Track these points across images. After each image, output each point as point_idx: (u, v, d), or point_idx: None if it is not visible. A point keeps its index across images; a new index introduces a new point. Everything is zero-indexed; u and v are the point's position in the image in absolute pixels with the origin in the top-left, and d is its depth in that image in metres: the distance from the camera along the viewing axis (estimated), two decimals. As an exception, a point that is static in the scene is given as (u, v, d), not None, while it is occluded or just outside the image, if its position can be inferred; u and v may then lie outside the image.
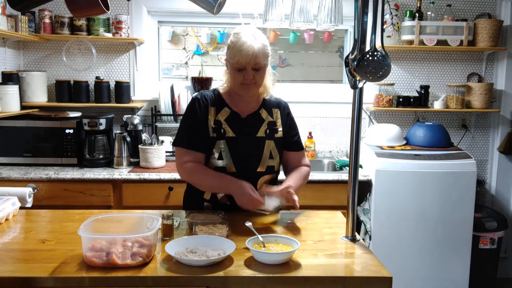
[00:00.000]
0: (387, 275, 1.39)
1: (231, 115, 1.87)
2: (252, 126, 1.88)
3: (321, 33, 3.71)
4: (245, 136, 1.86)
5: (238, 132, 1.85)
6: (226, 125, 1.85)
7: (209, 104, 1.86)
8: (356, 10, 1.55)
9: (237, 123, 1.87)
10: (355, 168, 1.65)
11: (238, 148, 1.84)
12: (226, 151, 1.82)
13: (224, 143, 1.82)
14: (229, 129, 1.85)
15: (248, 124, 1.88)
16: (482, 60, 3.47)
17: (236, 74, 1.79)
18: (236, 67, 1.77)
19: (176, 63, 3.94)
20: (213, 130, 1.84)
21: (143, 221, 1.57)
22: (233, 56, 1.75)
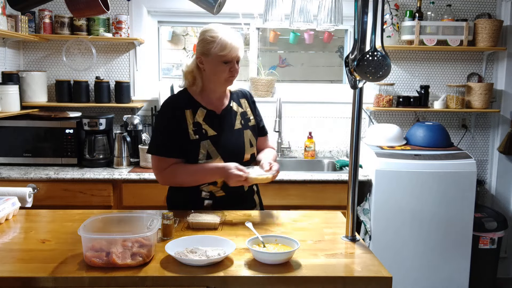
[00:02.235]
0: (387, 275, 1.39)
1: (208, 114, 1.89)
2: (229, 120, 1.94)
3: (321, 33, 3.71)
4: (225, 131, 1.91)
5: (218, 129, 1.89)
6: (206, 124, 1.88)
7: (184, 107, 1.87)
8: (356, 10, 1.55)
9: (215, 120, 1.90)
10: (355, 168, 1.65)
11: (222, 144, 1.88)
12: (213, 149, 1.86)
13: (208, 143, 1.86)
14: (209, 128, 1.88)
15: (225, 120, 1.93)
16: (482, 60, 3.47)
17: (221, 68, 1.82)
18: (223, 60, 1.80)
19: (176, 63, 3.94)
20: (194, 132, 1.86)
21: (143, 221, 1.57)
22: (222, 49, 1.78)
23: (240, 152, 1.93)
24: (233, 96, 2.00)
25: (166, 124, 1.87)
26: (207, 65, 1.85)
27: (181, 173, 1.85)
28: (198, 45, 1.86)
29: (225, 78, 1.86)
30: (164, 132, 1.87)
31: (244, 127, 1.97)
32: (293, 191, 2.82)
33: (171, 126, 1.85)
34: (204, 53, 1.83)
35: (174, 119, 1.85)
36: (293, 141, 3.47)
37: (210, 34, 1.82)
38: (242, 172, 1.77)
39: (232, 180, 1.79)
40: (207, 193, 1.93)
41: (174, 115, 1.86)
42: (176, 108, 1.87)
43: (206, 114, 1.89)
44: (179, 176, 1.85)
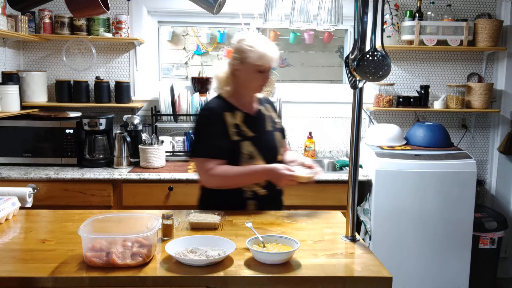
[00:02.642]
0: (387, 275, 1.39)
1: (244, 116, 1.97)
2: (262, 122, 2.03)
3: (321, 33, 3.70)
4: (261, 132, 1.99)
5: (255, 130, 1.96)
6: (244, 126, 1.94)
7: (222, 111, 1.94)
8: (356, 10, 1.55)
9: (251, 122, 1.97)
10: (355, 168, 1.65)
11: (261, 145, 1.95)
12: (253, 149, 1.93)
13: (249, 144, 1.92)
14: (247, 129, 1.95)
15: (259, 121, 2.02)
16: (482, 60, 3.47)
17: (256, 76, 1.92)
18: (258, 69, 1.90)
19: (176, 63, 3.94)
20: (235, 134, 1.92)
21: (143, 221, 1.57)
22: (259, 59, 1.88)
23: (275, 152, 2.02)
24: (259, 101, 2.09)
25: (209, 127, 1.92)
26: (241, 72, 1.92)
27: (229, 175, 1.88)
28: (234, 52, 1.94)
29: (257, 86, 1.95)
30: (207, 135, 1.92)
31: (274, 129, 2.06)
32: (293, 191, 2.81)
33: (213, 129, 1.91)
34: (240, 61, 1.91)
35: (215, 122, 1.91)
36: (293, 141, 3.47)
37: (248, 43, 1.90)
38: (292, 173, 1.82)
39: (283, 181, 1.84)
40: (250, 193, 1.96)
41: (215, 118, 1.92)
42: (216, 111, 1.93)
43: (243, 116, 1.96)
44: (228, 178, 1.89)
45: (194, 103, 3.16)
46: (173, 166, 2.99)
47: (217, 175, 1.87)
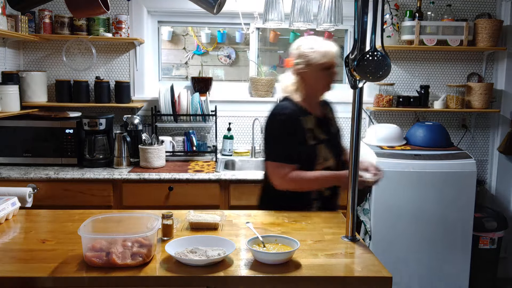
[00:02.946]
0: (387, 275, 1.39)
1: (316, 120, 2.02)
2: (329, 125, 2.10)
3: (321, 33, 3.70)
4: (330, 135, 2.06)
5: (326, 133, 2.03)
6: (317, 129, 2.00)
7: (297, 115, 1.97)
8: (356, 10, 1.55)
9: (321, 125, 2.03)
10: (355, 168, 1.65)
11: (332, 147, 2.02)
12: (327, 152, 1.99)
13: (323, 147, 1.98)
14: (320, 132, 2.01)
15: (327, 124, 2.08)
16: (482, 60, 3.47)
17: (323, 74, 1.98)
18: (324, 67, 1.95)
19: (176, 63, 3.94)
20: (310, 138, 1.97)
21: (143, 221, 1.57)
22: (323, 57, 1.94)
23: (341, 154, 2.10)
24: (322, 104, 2.13)
25: (284, 132, 1.95)
26: (309, 75, 1.98)
27: (303, 180, 1.93)
28: (297, 58, 1.99)
29: (327, 84, 2.01)
30: (283, 140, 1.95)
31: (336, 131, 2.14)
32: (293, 191, 2.81)
33: (289, 134, 1.94)
34: (305, 64, 1.97)
35: (291, 127, 1.95)
36: (293, 141, 3.47)
37: (307, 46, 1.97)
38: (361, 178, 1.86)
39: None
40: (316, 193, 2.01)
41: (292, 123, 1.95)
42: (291, 116, 1.96)
43: (315, 120, 2.01)
44: (302, 183, 1.94)
45: (194, 103, 3.16)
46: (173, 166, 2.99)
47: (292, 180, 1.92)
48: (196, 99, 3.17)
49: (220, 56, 3.90)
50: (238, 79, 3.84)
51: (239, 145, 3.46)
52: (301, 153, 1.94)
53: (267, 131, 2.00)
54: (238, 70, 3.89)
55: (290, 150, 1.93)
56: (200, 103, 3.16)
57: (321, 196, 2.02)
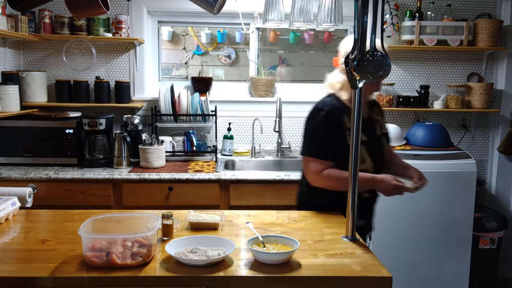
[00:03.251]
0: (387, 275, 1.39)
1: None
2: (373, 127, 2.02)
3: (321, 33, 3.71)
4: (372, 137, 1.98)
5: (367, 134, 1.93)
6: None
7: (340, 112, 1.92)
8: (356, 10, 1.55)
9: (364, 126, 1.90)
10: (355, 168, 1.65)
11: (371, 150, 1.95)
12: (366, 154, 1.92)
13: (362, 147, 1.84)
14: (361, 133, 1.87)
15: (370, 125, 2.00)
16: (482, 60, 3.47)
17: None
18: None
19: (176, 63, 3.94)
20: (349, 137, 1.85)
21: (143, 221, 1.57)
22: None
23: (381, 158, 2.03)
24: (369, 104, 2.06)
25: (324, 128, 1.91)
26: None
27: (338, 178, 1.87)
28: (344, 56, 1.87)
29: (375, 84, 1.95)
30: (322, 136, 1.91)
31: (381, 135, 2.06)
32: (293, 191, 2.80)
33: (329, 131, 1.90)
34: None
35: (331, 124, 1.90)
36: (293, 141, 3.47)
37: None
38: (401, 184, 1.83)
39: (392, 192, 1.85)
40: None
41: (334, 121, 1.90)
42: (333, 113, 1.91)
43: None
44: (336, 181, 1.88)
45: (194, 103, 3.16)
46: (173, 166, 2.99)
47: (326, 177, 1.88)
48: (196, 99, 3.17)
49: (220, 56, 3.90)
50: (238, 79, 3.84)
51: (239, 145, 3.46)
52: (338, 152, 1.89)
53: (307, 125, 1.96)
54: (238, 70, 3.88)
55: (327, 147, 1.89)
56: (200, 103, 3.16)
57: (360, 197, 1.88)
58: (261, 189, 2.80)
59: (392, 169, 2.06)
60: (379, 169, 2.00)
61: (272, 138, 3.46)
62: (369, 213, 2.08)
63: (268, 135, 3.44)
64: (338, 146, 1.89)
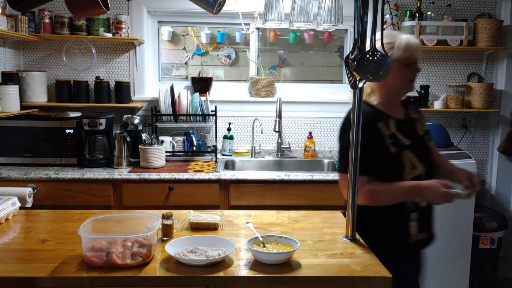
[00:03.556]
0: (387, 275, 1.39)
1: (397, 123, 1.80)
2: (413, 127, 1.86)
3: (321, 33, 3.71)
4: (415, 138, 1.82)
5: (410, 136, 1.79)
6: (399, 134, 1.77)
7: (375, 121, 1.76)
8: (356, 10, 1.55)
9: (403, 128, 1.80)
10: (355, 168, 1.64)
11: (419, 153, 1.78)
12: (414, 158, 1.75)
13: (408, 153, 1.74)
14: (403, 137, 1.77)
15: (410, 126, 1.85)
16: (482, 60, 3.47)
17: (405, 71, 1.77)
18: (405, 63, 1.76)
19: (176, 63, 3.94)
20: (392, 144, 1.74)
21: (143, 221, 1.57)
22: (404, 52, 1.74)
23: (431, 159, 1.84)
24: (403, 103, 1.91)
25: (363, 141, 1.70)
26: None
27: (377, 193, 1.72)
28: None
29: (408, 83, 1.80)
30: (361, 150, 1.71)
31: (424, 133, 1.89)
32: (293, 191, 2.82)
33: (366, 142, 1.69)
34: None
35: (369, 135, 1.71)
36: (293, 141, 3.47)
37: (387, 40, 1.74)
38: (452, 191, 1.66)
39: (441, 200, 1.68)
40: (411, 205, 1.77)
41: (365, 130, 1.70)
42: (365, 122, 1.70)
43: (396, 123, 1.79)
44: (376, 196, 1.72)
45: (194, 103, 3.16)
46: (173, 166, 2.99)
47: (365, 193, 1.70)
48: (196, 99, 3.17)
49: (220, 56, 3.91)
50: (238, 79, 3.84)
51: (239, 145, 3.46)
52: (382, 163, 1.72)
53: (339, 140, 1.80)
54: (238, 70, 3.89)
55: (365, 160, 1.68)
56: (200, 103, 3.16)
57: (418, 207, 1.78)
58: (261, 189, 2.80)
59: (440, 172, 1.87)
60: (432, 173, 1.80)
61: (272, 138, 3.46)
62: (428, 224, 1.88)
63: (268, 135, 3.44)
64: (381, 158, 1.72)
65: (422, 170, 1.75)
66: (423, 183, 1.69)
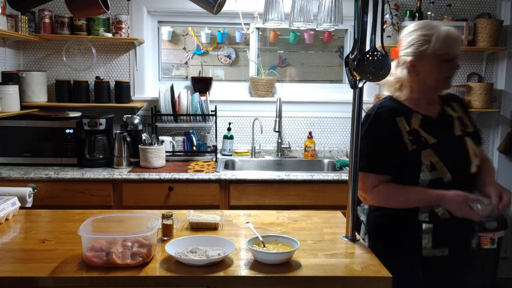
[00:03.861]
0: (387, 275, 1.39)
1: (423, 119, 1.66)
2: (447, 126, 1.69)
3: (321, 33, 3.71)
4: (446, 138, 1.65)
5: (437, 136, 1.64)
6: (424, 131, 1.64)
7: (394, 115, 1.65)
8: (356, 10, 1.55)
9: (432, 126, 1.66)
10: (355, 168, 1.64)
11: (446, 153, 1.62)
12: (436, 159, 1.60)
13: (430, 152, 1.60)
14: (428, 135, 1.63)
15: (443, 125, 1.68)
16: (482, 60, 3.47)
17: (441, 67, 1.63)
18: (443, 59, 1.62)
19: (176, 63, 3.94)
20: (411, 142, 1.62)
21: (143, 221, 1.57)
22: (441, 46, 1.60)
23: (466, 163, 1.65)
24: (443, 99, 1.76)
25: (374, 135, 1.65)
26: (421, 68, 1.65)
27: (394, 195, 1.62)
28: (407, 47, 1.67)
29: (444, 80, 1.66)
30: (371, 145, 1.65)
31: (465, 134, 1.69)
32: (293, 191, 2.82)
33: (379, 138, 1.64)
34: (416, 55, 1.64)
35: (383, 130, 1.64)
36: (293, 141, 3.47)
37: (423, 32, 1.63)
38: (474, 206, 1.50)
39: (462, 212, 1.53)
40: (425, 214, 1.63)
41: (383, 125, 1.64)
42: (384, 117, 1.64)
43: (421, 120, 1.66)
44: (392, 199, 1.63)
45: (194, 103, 3.16)
46: (173, 166, 2.99)
47: (378, 193, 1.63)
48: (196, 99, 3.17)
49: (220, 56, 3.90)
50: (238, 79, 3.84)
51: (239, 145, 3.46)
52: (398, 161, 1.61)
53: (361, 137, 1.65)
54: (238, 70, 3.88)
55: (377, 157, 1.61)
56: (200, 103, 3.16)
57: (434, 216, 1.62)
58: (261, 189, 2.80)
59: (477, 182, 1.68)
60: (466, 179, 1.63)
61: (272, 138, 3.46)
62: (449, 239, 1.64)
63: (268, 135, 3.44)
64: (397, 155, 1.61)
65: (444, 173, 1.59)
66: (446, 193, 1.54)
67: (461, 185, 1.58)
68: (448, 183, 1.60)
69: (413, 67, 1.66)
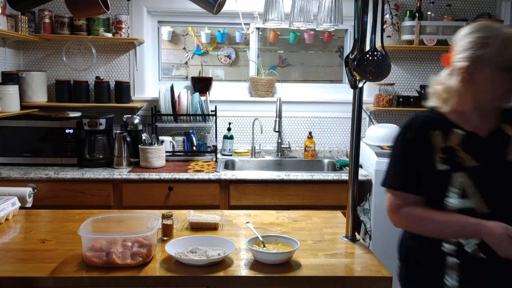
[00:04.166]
0: (387, 275, 1.39)
1: (466, 137, 1.41)
2: (499, 148, 1.42)
3: (321, 33, 3.71)
4: (493, 162, 1.39)
5: (481, 158, 1.38)
6: (462, 151, 1.40)
7: (430, 127, 1.43)
8: (356, 10, 1.55)
9: (477, 146, 1.41)
10: (355, 168, 1.65)
11: (487, 180, 1.36)
12: (471, 185, 1.35)
13: (464, 176, 1.36)
14: (467, 155, 1.39)
15: (493, 146, 1.42)
16: (482, 60, 3.46)
17: (502, 76, 1.37)
18: (505, 66, 1.36)
19: (176, 63, 3.94)
20: (443, 160, 1.39)
21: (143, 221, 1.58)
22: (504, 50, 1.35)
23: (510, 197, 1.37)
24: (504, 115, 1.47)
25: (404, 149, 1.46)
26: (478, 76, 1.38)
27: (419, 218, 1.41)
28: (461, 51, 1.41)
29: (505, 91, 1.40)
30: (400, 160, 1.47)
31: None
32: (293, 191, 2.82)
33: (410, 152, 1.44)
34: (472, 61, 1.38)
35: (414, 143, 1.44)
36: (293, 141, 3.47)
37: (482, 34, 1.38)
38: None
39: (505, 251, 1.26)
40: (451, 247, 1.39)
41: (415, 138, 1.44)
42: (416, 129, 1.44)
43: (464, 137, 1.41)
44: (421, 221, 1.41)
45: (194, 103, 3.16)
46: (173, 166, 2.99)
47: (401, 213, 1.43)
48: (196, 99, 3.17)
49: (220, 56, 3.91)
50: (238, 79, 3.84)
51: (239, 145, 3.46)
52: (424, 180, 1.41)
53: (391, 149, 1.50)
54: (238, 70, 3.89)
55: (406, 174, 1.43)
56: (200, 103, 3.16)
57: (460, 250, 1.37)
58: (261, 189, 2.80)
59: None
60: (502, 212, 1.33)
61: (272, 138, 3.46)
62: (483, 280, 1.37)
63: (268, 135, 3.44)
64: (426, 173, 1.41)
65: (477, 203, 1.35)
66: (486, 223, 1.29)
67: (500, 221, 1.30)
68: (482, 216, 1.33)
69: (468, 75, 1.40)
